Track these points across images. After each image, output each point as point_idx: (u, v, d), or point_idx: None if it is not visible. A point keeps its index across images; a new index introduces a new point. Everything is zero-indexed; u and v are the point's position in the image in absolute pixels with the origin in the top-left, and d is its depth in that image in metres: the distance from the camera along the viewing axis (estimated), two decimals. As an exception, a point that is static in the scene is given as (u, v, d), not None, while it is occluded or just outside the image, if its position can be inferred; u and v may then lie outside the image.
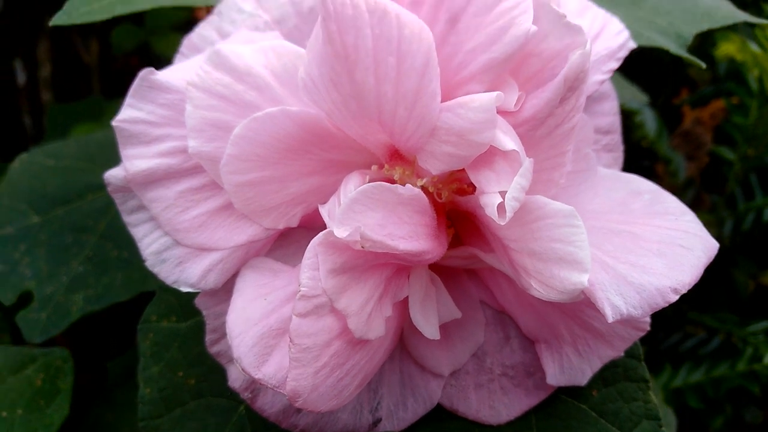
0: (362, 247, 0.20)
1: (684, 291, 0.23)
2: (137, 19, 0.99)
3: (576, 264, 0.21)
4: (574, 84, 0.21)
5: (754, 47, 0.68)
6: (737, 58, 0.72)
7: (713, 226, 0.83)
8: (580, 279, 0.21)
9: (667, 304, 0.22)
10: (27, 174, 0.54)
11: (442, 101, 0.22)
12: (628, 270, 0.23)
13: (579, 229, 0.21)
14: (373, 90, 0.22)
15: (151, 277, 0.48)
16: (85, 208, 0.51)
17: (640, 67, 0.97)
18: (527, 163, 0.21)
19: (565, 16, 0.21)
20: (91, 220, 0.50)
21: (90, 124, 0.85)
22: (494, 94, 0.21)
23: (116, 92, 1.07)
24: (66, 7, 0.33)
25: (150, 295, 0.49)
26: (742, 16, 0.38)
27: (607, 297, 0.22)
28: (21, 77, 0.97)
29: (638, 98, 0.76)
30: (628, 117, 0.80)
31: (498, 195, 0.21)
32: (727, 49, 0.71)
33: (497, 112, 0.22)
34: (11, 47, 0.97)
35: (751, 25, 0.78)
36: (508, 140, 0.21)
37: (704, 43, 0.85)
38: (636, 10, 0.35)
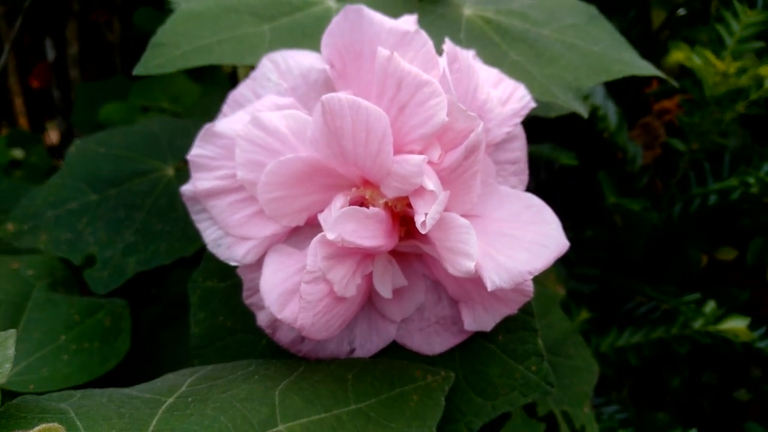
0: (342, 244, 0.37)
1: (537, 273, 0.39)
2: (158, 2, 1.13)
3: (468, 255, 0.38)
4: (472, 150, 0.38)
5: (696, 60, 0.83)
6: (686, 65, 0.87)
7: (664, 207, 0.99)
8: (470, 265, 0.38)
9: (524, 281, 0.39)
10: (83, 159, 0.71)
11: (394, 155, 0.39)
12: (504, 260, 0.39)
13: (472, 235, 0.38)
14: (351, 149, 0.38)
15: (187, 247, 0.66)
16: (134, 190, 0.68)
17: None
18: (442, 196, 0.38)
19: (466, 111, 0.37)
20: (139, 199, 0.67)
21: (117, 103, 1.01)
22: (422, 156, 0.37)
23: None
24: (142, 61, 0.49)
25: (185, 260, 0.66)
26: (639, 68, 0.54)
27: (488, 276, 0.38)
28: (51, 54, 1.13)
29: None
30: (592, 111, 0.95)
31: (423, 215, 0.38)
32: (677, 56, 0.86)
33: (428, 163, 0.39)
34: (42, 27, 1.12)
35: (720, 22, 0.93)
36: (430, 183, 0.38)
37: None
38: (551, 67, 0.51)
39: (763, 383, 1.24)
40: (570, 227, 1.05)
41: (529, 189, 1.18)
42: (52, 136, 1.35)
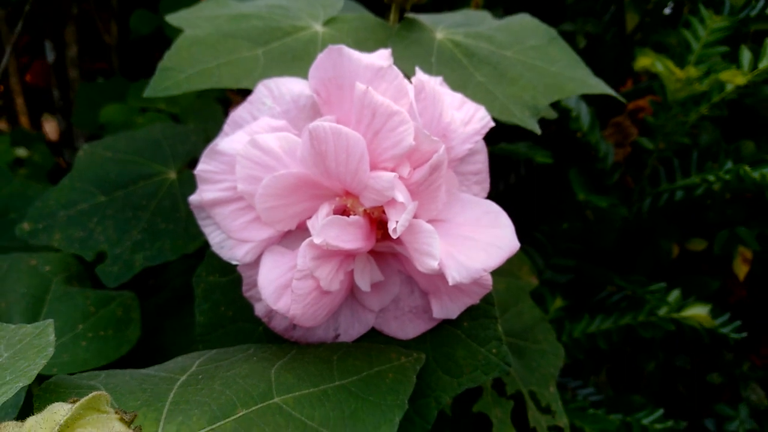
0: (327, 247, 0.45)
1: (490, 270, 0.48)
2: (153, 6, 1.21)
3: (432, 255, 0.46)
4: (435, 168, 0.46)
5: (659, 66, 0.92)
6: (651, 70, 0.96)
7: (635, 202, 1.08)
8: (434, 264, 0.46)
9: (480, 276, 0.47)
10: (91, 163, 0.79)
11: (371, 171, 0.47)
12: (464, 259, 0.48)
13: (436, 239, 0.46)
14: (334, 168, 0.46)
15: (189, 244, 0.74)
16: (140, 192, 0.76)
17: (590, 61, 1.20)
18: (411, 206, 0.46)
19: (430, 135, 0.46)
20: (144, 201, 0.75)
21: (117, 104, 1.08)
22: (394, 173, 0.46)
23: (132, 67, 1.30)
24: (151, 84, 0.57)
25: (188, 256, 0.74)
26: (590, 86, 0.62)
27: (450, 273, 0.47)
28: (50, 56, 1.20)
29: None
30: (566, 113, 1.04)
31: (395, 222, 0.46)
32: (644, 62, 0.95)
33: (399, 178, 0.47)
34: (42, 29, 1.19)
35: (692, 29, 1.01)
36: (400, 196, 0.46)
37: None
38: (511, 87, 0.59)
39: (734, 367, 1.33)
40: (546, 220, 1.14)
41: (509, 184, 1.26)
42: (48, 129, 1.43)
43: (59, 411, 0.30)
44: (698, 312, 0.99)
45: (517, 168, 1.23)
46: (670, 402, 1.30)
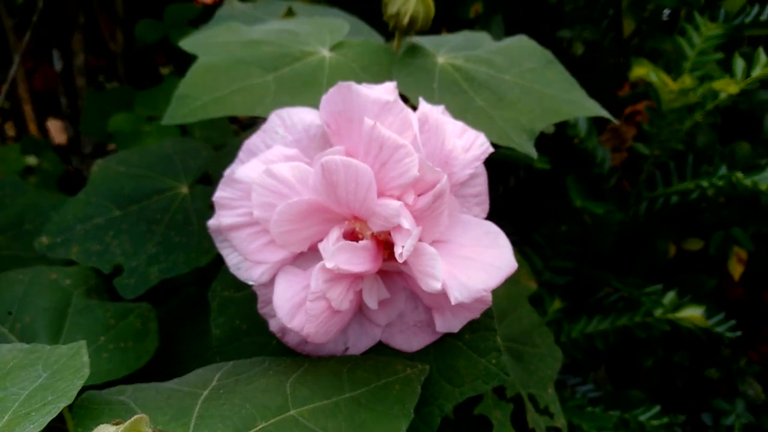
0: (338, 271, 0.50)
1: (490, 290, 0.52)
2: (157, 14, 1.24)
3: (435, 277, 0.50)
4: (438, 196, 0.50)
5: (653, 77, 0.95)
6: (647, 80, 0.99)
7: (631, 205, 1.12)
8: (437, 285, 0.50)
9: (481, 296, 0.51)
10: (105, 178, 0.83)
11: (378, 199, 0.51)
12: (465, 279, 0.52)
13: (438, 261, 0.50)
14: (344, 196, 0.50)
15: (202, 257, 0.78)
16: (153, 206, 0.80)
17: (588, 66, 1.24)
18: (416, 232, 0.50)
19: (433, 167, 0.50)
20: (158, 215, 0.79)
21: (124, 114, 1.12)
22: (399, 202, 0.50)
23: (137, 74, 1.34)
24: (169, 112, 0.61)
25: (200, 269, 0.78)
26: (585, 109, 0.66)
27: (452, 293, 0.51)
28: (58, 64, 1.24)
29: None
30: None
31: (401, 247, 0.50)
32: (639, 72, 0.98)
33: (404, 206, 0.51)
34: (50, 38, 1.23)
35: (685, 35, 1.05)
36: (406, 222, 0.50)
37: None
38: (509, 111, 0.63)
39: (731, 362, 1.37)
40: (545, 223, 1.18)
41: (509, 187, 1.31)
42: (53, 131, 1.46)
43: (106, 433, 0.34)
44: (693, 313, 1.03)
45: (517, 170, 1.27)
46: (669, 397, 1.34)
